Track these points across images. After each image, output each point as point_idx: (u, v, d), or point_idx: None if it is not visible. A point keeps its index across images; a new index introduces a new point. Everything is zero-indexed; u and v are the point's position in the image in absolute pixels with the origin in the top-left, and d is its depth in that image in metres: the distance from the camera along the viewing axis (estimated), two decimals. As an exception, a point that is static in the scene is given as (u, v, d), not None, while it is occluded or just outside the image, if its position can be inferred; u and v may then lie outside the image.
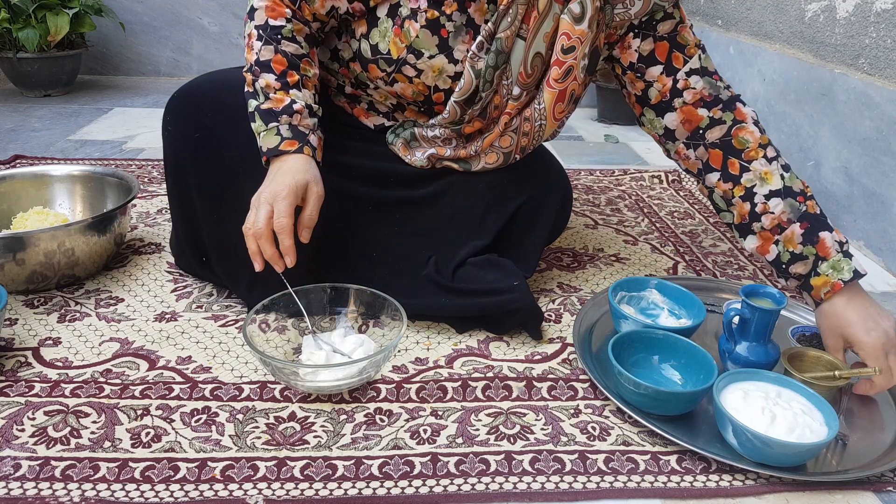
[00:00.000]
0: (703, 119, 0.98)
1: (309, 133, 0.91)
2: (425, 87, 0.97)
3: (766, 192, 0.94)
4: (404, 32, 0.92)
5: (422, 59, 0.93)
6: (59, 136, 1.93)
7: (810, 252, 0.91)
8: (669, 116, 1.00)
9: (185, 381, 0.89)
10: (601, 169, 1.81)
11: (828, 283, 0.89)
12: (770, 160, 0.95)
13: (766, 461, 0.76)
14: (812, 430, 0.76)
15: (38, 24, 2.16)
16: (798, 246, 0.91)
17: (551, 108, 0.95)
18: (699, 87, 0.97)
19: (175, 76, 2.66)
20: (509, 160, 1.02)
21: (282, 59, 0.92)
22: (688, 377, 0.88)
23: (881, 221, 1.34)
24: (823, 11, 1.58)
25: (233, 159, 0.97)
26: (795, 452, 0.75)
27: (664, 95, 0.99)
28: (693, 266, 1.29)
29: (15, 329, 0.99)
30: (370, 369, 0.85)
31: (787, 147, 1.69)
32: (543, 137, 1.00)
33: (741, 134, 0.96)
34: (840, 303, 0.88)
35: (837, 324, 0.87)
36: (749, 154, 0.95)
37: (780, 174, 0.94)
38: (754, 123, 0.97)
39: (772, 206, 0.93)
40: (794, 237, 0.92)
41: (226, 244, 1.00)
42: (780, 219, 0.92)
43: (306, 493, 0.72)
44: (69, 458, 0.75)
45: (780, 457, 0.75)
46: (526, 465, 0.77)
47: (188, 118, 1.00)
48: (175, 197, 1.04)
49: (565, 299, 1.14)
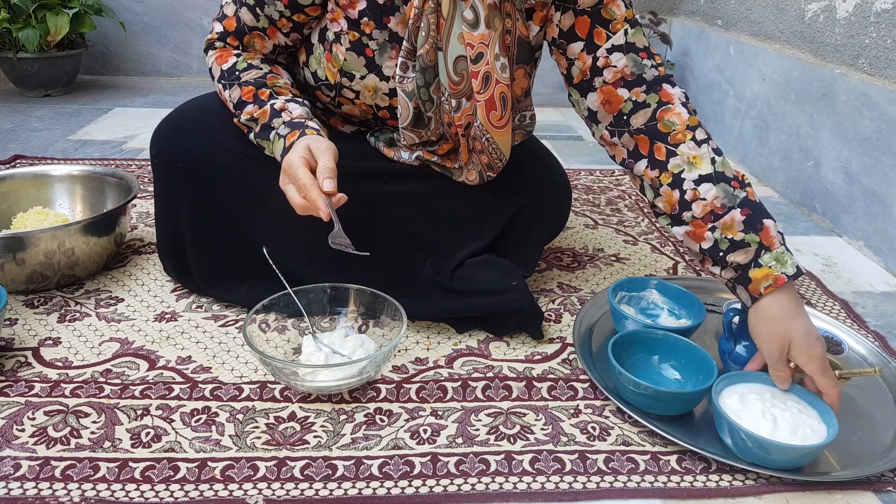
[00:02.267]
0: (625, 102, 0.90)
1: (305, 120, 0.91)
2: (368, 108, 0.97)
3: (695, 177, 0.85)
4: (334, 57, 0.92)
5: (354, 80, 0.93)
6: (59, 136, 1.93)
7: (753, 240, 0.81)
8: (591, 97, 0.92)
9: (185, 381, 0.89)
10: (601, 169, 1.81)
11: (770, 277, 0.79)
12: (699, 143, 0.86)
13: (769, 465, 0.75)
14: (812, 429, 0.76)
15: (38, 24, 2.16)
16: (739, 233, 0.82)
17: (486, 118, 0.90)
18: (620, 66, 0.89)
19: (175, 76, 2.66)
20: (484, 179, 1.00)
21: (248, 88, 0.93)
22: (688, 377, 0.88)
23: (881, 221, 1.34)
24: (823, 11, 1.58)
25: (219, 184, 0.98)
26: (801, 455, 0.75)
27: (585, 74, 0.92)
28: (693, 266, 1.29)
29: (15, 329, 0.99)
30: (370, 369, 0.85)
31: (787, 147, 1.69)
32: (502, 148, 0.95)
33: (667, 116, 0.88)
34: (781, 301, 0.79)
35: (777, 328, 0.78)
36: (676, 137, 0.87)
37: (710, 158, 0.85)
38: (682, 105, 0.89)
39: (703, 192, 0.84)
40: (735, 224, 0.82)
41: (218, 269, 1.03)
42: (714, 205, 0.83)
43: (306, 493, 0.72)
44: (69, 458, 0.75)
45: (785, 461, 0.75)
46: (526, 465, 0.77)
47: (172, 150, 1.01)
48: (166, 225, 1.05)
49: (565, 299, 1.14)
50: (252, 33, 0.96)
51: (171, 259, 1.08)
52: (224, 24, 0.97)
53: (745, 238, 0.82)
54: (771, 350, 0.79)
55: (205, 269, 1.04)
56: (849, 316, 1.13)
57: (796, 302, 0.80)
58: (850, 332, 1.03)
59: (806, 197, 1.61)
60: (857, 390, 0.91)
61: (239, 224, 0.99)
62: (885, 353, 0.99)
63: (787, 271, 0.79)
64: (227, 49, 0.97)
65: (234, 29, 0.96)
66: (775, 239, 0.82)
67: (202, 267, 1.04)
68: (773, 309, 0.79)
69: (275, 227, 0.98)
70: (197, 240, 1.02)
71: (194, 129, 1.01)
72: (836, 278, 1.28)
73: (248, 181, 0.96)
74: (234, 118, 0.96)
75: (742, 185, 0.85)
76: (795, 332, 0.78)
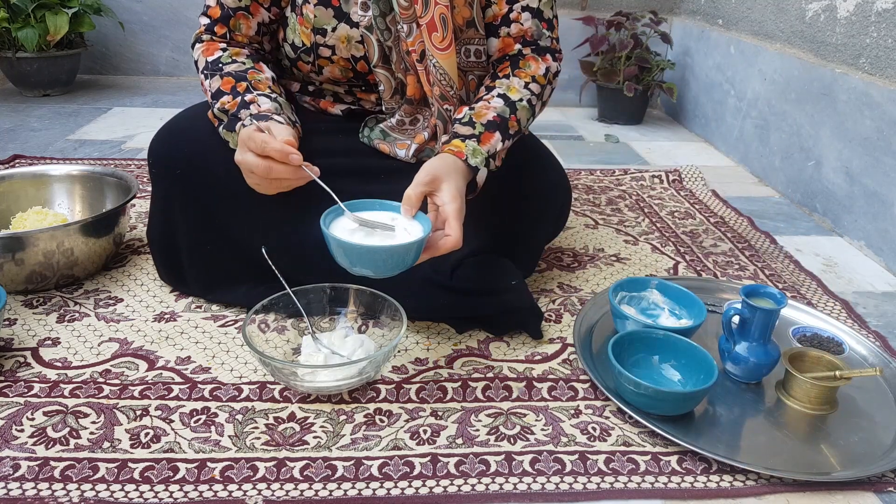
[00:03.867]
0: (514, 49, 1.02)
1: (272, 115, 0.92)
2: (347, 62, 1.00)
3: (499, 93, 0.98)
4: (305, 18, 0.96)
5: (328, 35, 0.96)
6: (59, 135, 1.92)
7: (479, 131, 0.93)
8: (493, 42, 1.02)
9: (185, 382, 0.89)
10: (601, 169, 1.81)
11: (459, 148, 0.90)
12: (526, 87, 0.99)
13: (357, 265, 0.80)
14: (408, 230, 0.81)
15: (38, 24, 2.15)
16: (479, 125, 0.94)
17: (429, 41, 0.95)
18: (526, 26, 1.00)
19: (174, 76, 2.66)
20: (446, 123, 1.01)
21: (228, 79, 0.96)
22: (688, 377, 0.88)
23: (882, 221, 1.34)
24: (824, 11, 1.58)
25: (216, 189, 0.98)
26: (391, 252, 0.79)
27: (495, 19, 1.01)
28: (694, 266, 1.28)
29: (14, 329, 0.99)
30: (370, 370, 0.85)
31: (787, 146, 1.68)
32: (450, 73, 0.98)
33: (530, 62, 1.01)
34: (455, 165, 0.89)
35: (439, 169, 0.87)
36: (520, 73, 1.00)
37: (520, 97, 0.98)
38: (546, 69, 1.01)
39: (493, 101, 0.97)
40: (483, 118, 0.94)
41: (216, 273, 1.04)
42: (489, 106, 0.96)
43: (306, 493, 0.72)
44: (68, 458, 0.75)
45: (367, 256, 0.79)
46: (526, 466, 0.77)
47: (169, 157, 1.02)
48: (163, 231, 1.06)
49: (565, 299, 1.14)
50: (237, 14, 0.99)
51: (166, 266, 1.09)
52: (209, 14, 0.99)
53: (477, 129, 0.94)
54: (422, 177, 0.86)
55: (202, 274, 1.05)
56: (850, 316, 1.13)
57: (462, 179, 0.89)
58: (851, 332, 1.03)
59: (807, 197, 1.60)
60: (857, 391, 0.91)
61: (237, 228, 0.99)
62: (885, 353, 0.99)
63: (470, 160, 0.90)
64: (214, 42, 1.00)
65: (220, 15, 0.99)
66: (489, 145, 0.93)
67: (200, 272, 1.05)
68: (446, 159, 0.89)
69: (273, 231, 0.98)
70: (195, 245, 1.03)
71: (191, 137, 1.02)
72: (836, 278, 1.28)
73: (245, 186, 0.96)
74: (209, 110, 0.97)
75: (518, 126, 0.97)
76: (448, 184, 0.85)
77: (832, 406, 0.87)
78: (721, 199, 1.63)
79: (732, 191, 1.72)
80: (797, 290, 1.21)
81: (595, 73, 2.29)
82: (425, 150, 1.03)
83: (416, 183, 0.85)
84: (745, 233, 1.45)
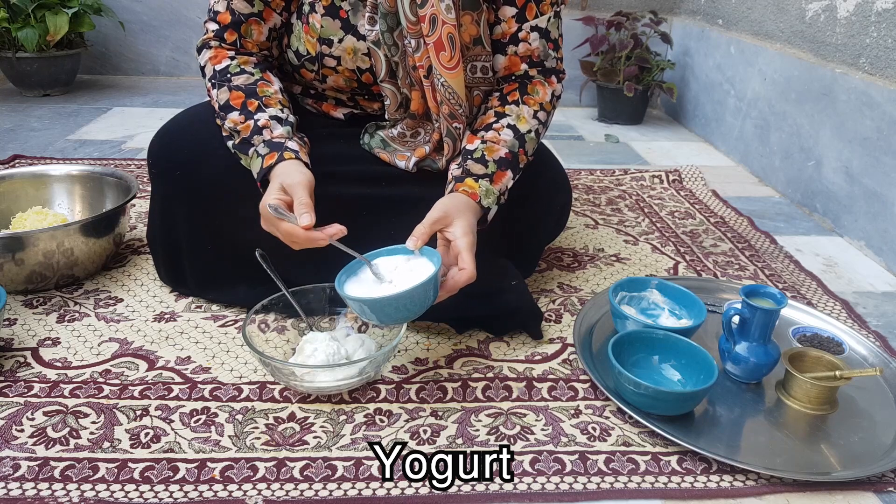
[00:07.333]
0: (521, 69, 1.02)
1: (285, 141, 0.92)
2: (351, 73, 0.99)
3: (509, 123, 0.98)
4: (311, 27, 0.96)
5: (334, 46, 0.96)
6: (58, 135, 1.92)
7: (492, 169, 0.94)
8: (499, 59, 1.02)
9: (185, 382, 0.89)
10: (601, 169, 1.81)
11: (473, 189, 0.91)
12: (535, 116, 1.00)
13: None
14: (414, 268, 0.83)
15: (38, 24, 2.15)
16: (491, 162, 0.95)
17: (437, 60, 0.95)
18: (533, 46, 1.00)
19: (174, 76, 2.66)
20: (455, 140, 1.01)
21: (237, 93, 0.95)
22: (688, 377, 0.88)
23: (882, 221, 1.34)
24: (824, 11, 1.58)
25: (215, 190, 0.98)
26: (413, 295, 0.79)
27: (504, 37, 1.00)
28: (694, 266, 1.28)
29: (14, 329, 0.99)
30: (370, 370, 0.85)
31: (787, 147, 1.68)
32: (457, 91, 0.97)
33: (538, 87, 1.02)
34: (468, 204, 0.90)
35: (451, 208, 0.88)
36: (528, 100, 1.00)
37: (529, 128, 0.99)
38: (552, 94, 1.03)
39: (503, 133, 0.97)
40: (496, 153, 0.95)
41: (216, 274, 1.04)
42: (500, 139, 0.96)
43: (306, 493, 0.72)
44: (68, 458, 0.75)
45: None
46: (526, 466, 0.77)
47: (168, 159, 1.02)
48: (164, 232, 1.06)
49: (565, 299, 1.14)
50: (249, 21, 0.98)
51: (166, 266, 1.09)
52: (218, 20, 0.98)
53: (490, 168, 0.95)
54: (434, 215, 0.86)
55: (202, 274, 1.05)
56: (850, 316, 1.13)
57: (474, 217, 0.90)
58: (851, 332, 1.03)
59: (807, 197, 1.60)
60: (857, 390, 0.91)
61: (236, 229, 0.99)
62: (885, 353, 0.99)
63: (483, 201, 0.92)
64: (223, 50, 0.99)
65: (230, 22, 0.98)
66: (501, 184, 0.95)
67: (200, 272, 1.05)
68: (460, 199, 0.90)
69: None
70: (195, 245, 1.03)
71: (190, 138, 1.02)
72: (836, 278, 1.28)
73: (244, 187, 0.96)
74: (218, 119, 0.97)
75: (526, 155, 0.99)
76: (460, 220, 0.86)
77: (832, 406, 0.87)
78: (721, 199, 1.63)
79: (732, 191, 1.72)
80: (797, 290, 1.21)
81: (595, 73, 2.29)
82: (426, 160, 1.02)
83: (427, 220, 0.85)
84: (745, 233, 1.45)
